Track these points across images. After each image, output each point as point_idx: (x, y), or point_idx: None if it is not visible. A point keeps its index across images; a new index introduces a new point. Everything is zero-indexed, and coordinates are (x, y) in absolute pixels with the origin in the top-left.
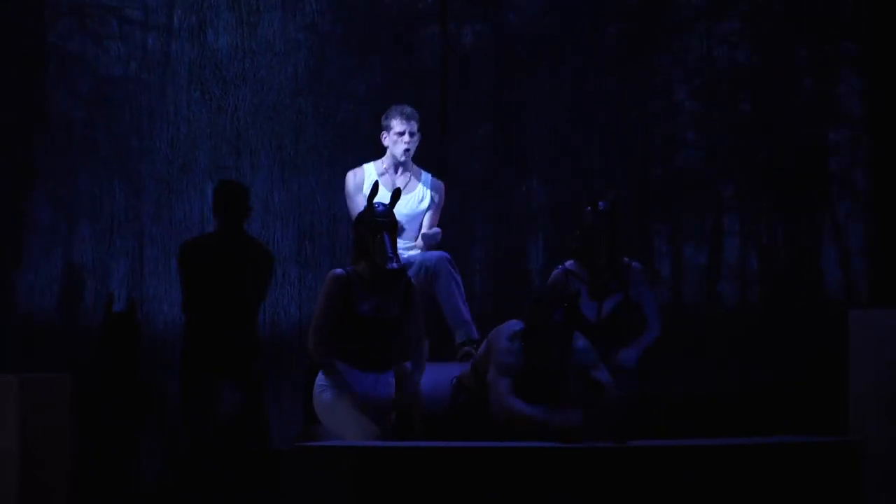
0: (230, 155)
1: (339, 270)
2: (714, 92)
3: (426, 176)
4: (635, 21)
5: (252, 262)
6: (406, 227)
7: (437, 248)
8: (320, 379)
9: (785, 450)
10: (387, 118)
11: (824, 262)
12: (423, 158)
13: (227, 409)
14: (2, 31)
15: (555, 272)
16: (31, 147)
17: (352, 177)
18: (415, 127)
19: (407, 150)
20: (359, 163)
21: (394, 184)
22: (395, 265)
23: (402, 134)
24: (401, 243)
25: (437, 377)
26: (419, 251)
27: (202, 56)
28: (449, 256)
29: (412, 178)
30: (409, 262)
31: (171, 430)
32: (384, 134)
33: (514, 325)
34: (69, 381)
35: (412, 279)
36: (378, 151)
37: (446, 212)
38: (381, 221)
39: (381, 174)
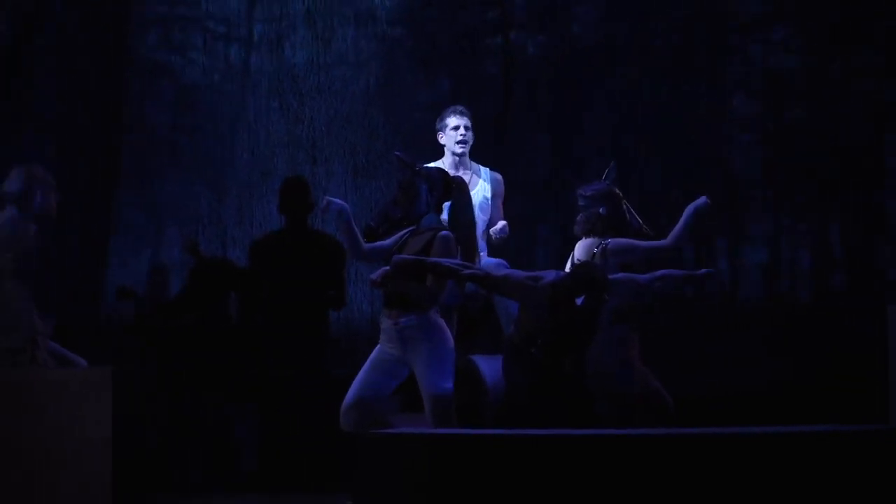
0: (306, 162)
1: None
2: (768, 96)
3: (485, 170)
4: (691, 28)
5: (321, 253)
6: (478, 221)
7: (500, 252)
8: None
9: (828, 438)
10: (441, 119)
11: (866, 259)
12: (484, 163)
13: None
14: (92, 43)
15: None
16: (119, 155)
17: None
18: (468, 122)
19: (463, 143)
20: None
21: None
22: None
23: (457, 128)
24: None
25: (497, 370)
26: (483, 252)
27: (280, 70)
28: (506, 263)
29: (472, 174)
30: None
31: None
32: (440, 134)
33: (554, 274)
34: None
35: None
36: (438, 155)
37: (508, 216)
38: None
39: None
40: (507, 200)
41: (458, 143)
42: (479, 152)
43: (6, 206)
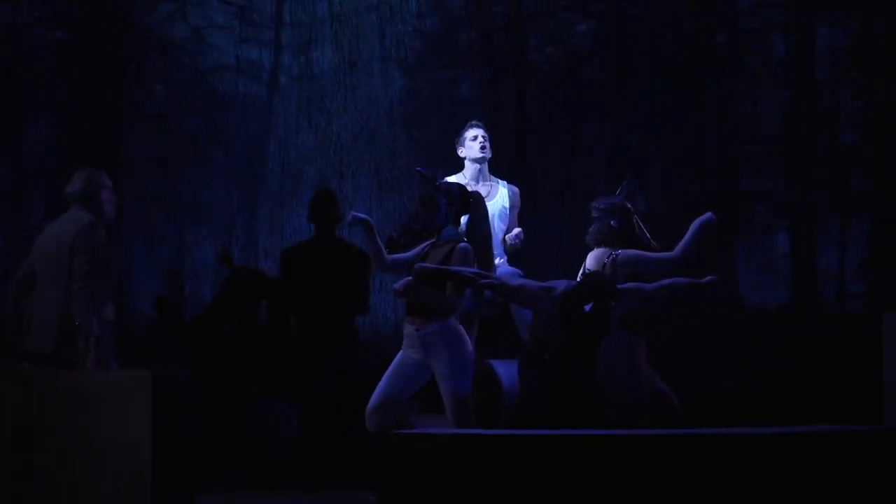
0: (334, 177)
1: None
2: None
3: (503, 183)
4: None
5: (348, 263)
6: (497, 230)
7: (514, 263)
8: None
9: (829, 438)
10: (459, 136)
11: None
12: (503, 174)
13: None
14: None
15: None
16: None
17: None
18: (485, 132)
19: (483, 149)
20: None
21: None
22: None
23: (475, 138)
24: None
25: (513, 374)
26: (503, 260)
27: (309, 90)
28: (521, 272)
29: (493, 185)
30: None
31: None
32: (460, 148)
33: (565, 283)
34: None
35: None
36: (458, 169)
37: (525, 224)
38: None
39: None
40: (522, 211)
41: (479, 149)
42: (497, 166)
43: (70, 207)
